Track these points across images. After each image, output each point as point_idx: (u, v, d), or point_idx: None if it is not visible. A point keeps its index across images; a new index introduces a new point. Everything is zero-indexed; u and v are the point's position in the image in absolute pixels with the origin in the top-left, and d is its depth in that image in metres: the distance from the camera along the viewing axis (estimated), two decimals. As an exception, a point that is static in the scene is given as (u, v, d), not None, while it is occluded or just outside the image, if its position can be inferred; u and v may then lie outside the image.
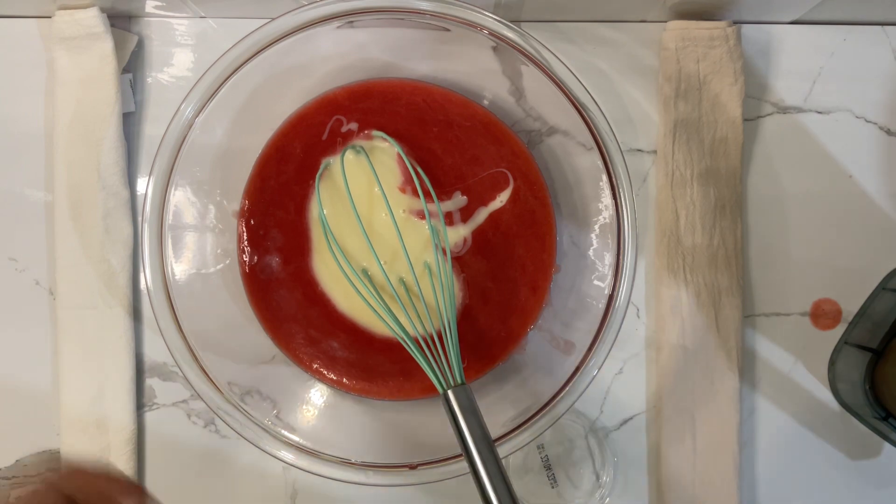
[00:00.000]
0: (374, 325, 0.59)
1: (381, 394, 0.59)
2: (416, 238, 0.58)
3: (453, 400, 0.45)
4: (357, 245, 0.58)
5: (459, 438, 0.44)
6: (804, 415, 0.64)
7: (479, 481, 0.42)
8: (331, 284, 0.59)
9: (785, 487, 0.64)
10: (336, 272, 0.57)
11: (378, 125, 0.58)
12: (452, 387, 0.46)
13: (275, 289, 0.59)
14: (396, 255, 0.57)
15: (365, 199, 0.58)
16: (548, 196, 0.60)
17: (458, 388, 0.46)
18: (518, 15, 0.63)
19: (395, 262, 0.58)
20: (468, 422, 0.44)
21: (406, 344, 0.50)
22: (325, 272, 0.59)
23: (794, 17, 0.64)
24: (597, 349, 0.54)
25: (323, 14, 0.54)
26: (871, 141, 0.64)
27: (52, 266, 0.62)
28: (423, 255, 0.58)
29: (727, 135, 0.62)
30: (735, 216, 0.62)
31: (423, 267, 0.57)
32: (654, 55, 0.64)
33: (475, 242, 0.59)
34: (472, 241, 0.59)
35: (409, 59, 0.60)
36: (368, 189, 0.58)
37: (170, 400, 0.63)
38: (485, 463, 0.42)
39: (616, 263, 0.55)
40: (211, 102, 0.54)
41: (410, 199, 0.58)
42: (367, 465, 0.55)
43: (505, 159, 0.59)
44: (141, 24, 0.64)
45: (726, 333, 0.62)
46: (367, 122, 0.58)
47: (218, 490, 0.63)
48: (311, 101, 0.59)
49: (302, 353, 0.59)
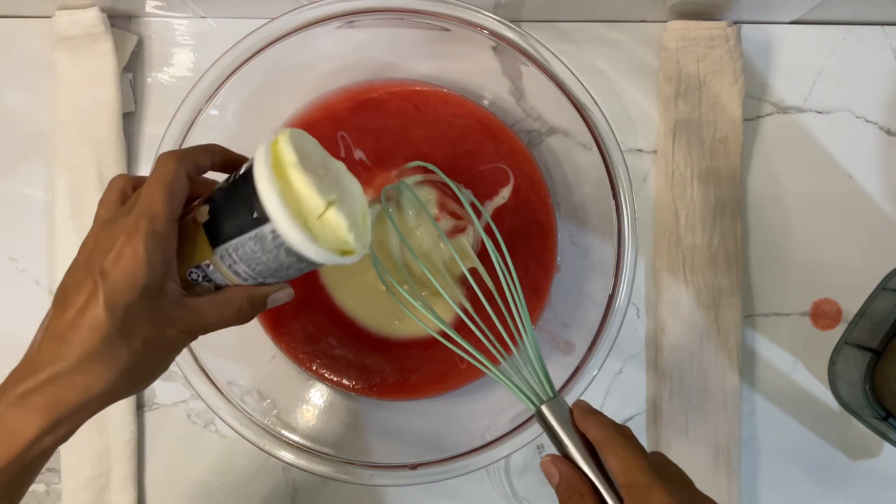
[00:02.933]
0: (372, 323, 0.59)
1: (380, 394, 0.59)
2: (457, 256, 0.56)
3: (549, 415, 0.43)
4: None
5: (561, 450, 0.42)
6: (804, 415, 0.64)
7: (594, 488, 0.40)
8: (331, 281, 0.59)
9: (785, 487, 0.64)
10: (336, 270, 0.57)
11: (368, 145, 0.58)
12: (545, 401, 0.43)
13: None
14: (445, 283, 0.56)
15: (404, 232, 0.56)
16: (549, 195, 0.60)
17: (552, 402, 0.44)
18: (518, 15, 0.63)
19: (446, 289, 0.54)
20: (569, 434, 0.42)
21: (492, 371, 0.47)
22: (325, 270, 0.59)
23: (794, 17, 0.64)
24: (597, 349, 0.54)
25: (323, 14, 0.54)
26: (871, 141, 0.64)
27: (52, 266, 0.62)
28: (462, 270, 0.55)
29: (727, 135, 0.62)
30: (735, 216, 0.62)
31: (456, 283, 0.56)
32: (654, 55, 0.64)
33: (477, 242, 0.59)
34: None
35: (409, 59, 0.60)
36: (405, 224, 0.57)
37: (170, 400, 0.63)
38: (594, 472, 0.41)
39: (616, 263, 0.55)
40: (211, 102, 0.54)
41: (445, 222, 0.57)
42: (367, 465, 0.55)
43: (504, 157, 0.59)
44: (141, 24, 0.64)
45: (726, 333, 0.62)
46: (363, 143, 0.58)
47: (218, 490, 0.63)
48: (312, 107, 0.58)
49: (302, 353, 0.59)
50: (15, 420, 0.36)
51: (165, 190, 0.38)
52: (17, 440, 0.36)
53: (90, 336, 0.36)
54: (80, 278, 0.37)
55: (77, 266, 0.38)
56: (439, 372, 0.60)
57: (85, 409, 0.37)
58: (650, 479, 0.38)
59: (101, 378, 0.37)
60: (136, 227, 0.37)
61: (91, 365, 0.36)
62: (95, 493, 0.60)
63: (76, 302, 0.37)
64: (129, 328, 0.37)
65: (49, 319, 0.38)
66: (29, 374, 0.37)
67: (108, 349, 0.36)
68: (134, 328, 0.37)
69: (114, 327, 0.36)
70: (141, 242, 0.37)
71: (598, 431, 0.41)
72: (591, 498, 0.40)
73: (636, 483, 0.38)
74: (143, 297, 0.37)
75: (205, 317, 0.40)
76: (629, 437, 0.41)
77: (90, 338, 0.36)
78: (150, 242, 0.37)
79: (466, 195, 0.56)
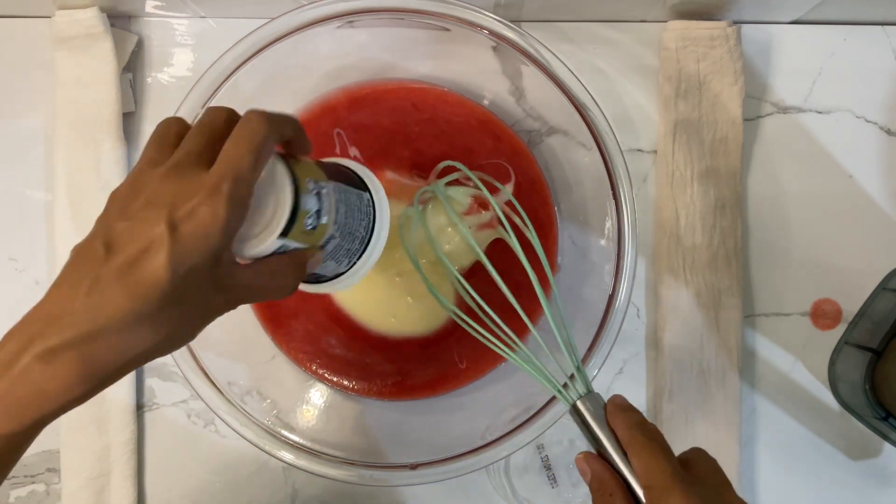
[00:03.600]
0: (371, 321, 0.59)
1: (380, 394, 0.60)
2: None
3: (585, 411, 0.42)
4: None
5: (596, 446, 0.42)
6: (804, 415, 0.64)
7: (628, 485, 0.40)
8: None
9: (785, 487, 0.64)
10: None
11: (364, 143, 0.58)
12: (581, 396, 0.43)
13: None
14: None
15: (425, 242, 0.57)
16: (549, 195, 0.60)
17: (587, 397, 0.43)
18: (518, 15, 0.63)
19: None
20: (604, 431, 0.41)
21: (528, 368, 0.47)
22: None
23: (794, 17, 0.64)
24: (597, 349, 0.54)
25: (323, 14, 0.54)
26: (871, 141, 0.64)
27: (52, 266, 0.62)
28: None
29: (727, 135, 0.62)
30: (735, 216, 0.62)
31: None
32: (654, 55, 0.64)
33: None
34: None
35: (409, 59, 0.60)
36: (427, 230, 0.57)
37: (170, 400, 0.63)
38: (628, 470, 0.41)
39: (616, 263, 0.55)
40: (211, 102, 0.54)
41: (474, 218, 0.57)
42: (367, 465, 0.55)
43: (504, 155, 0.59)
44: (141, 24, 0.64)
45: (726, 333, 0.62)
46: (358, 141, 0.58)
47: (218, 490, 0.63)
48: (311, 107, 0.58)
49: (302, 353, 0.59)
50: (43, 378, 0.32)
51: (255, 154, 0.35)
52: (44, 401, 0.32)
53: (145, 294, 0.32)
54: (139, 223, 0.33)
55: (130, 205, 0.34)
56: (439, 372, 0.60)
57: (119, 371, 0.34)
58: (669, 481, 0.37)
59: (146, 340, 0.33)
60: (219, 187, 0.33)
61: (137, 326, 0.33)
62: (95, 493, 0.60)
63: (129, 248, 0.33)
64: (185, 292, 0.33)
65: (83, 255, 0.34)
66: (61, 323, 0.32)
67: (160, 311, 0.33)
68: (188, 292, 0.34)
69: (173, 289, 0.33)
70: (223, 206, 0.33)
71: (623, 431, 0.41)
72: (622, 497, 0.39)
73: (655, 485, 0.38)
74: (208, 262, 0.34)
75: (252, 286, 0.37)
76: (653, 437, 0.40)
77: (145, 295, 0.32)
78: (232, 207, 0.34)
79: (491, 187, 0.56)
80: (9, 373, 0.32)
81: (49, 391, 0.32)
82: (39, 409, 0.33)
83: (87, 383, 0.33)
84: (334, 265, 0.44)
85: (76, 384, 0.33)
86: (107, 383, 0.34)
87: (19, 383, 0.32)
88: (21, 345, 0.33)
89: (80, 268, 0.34)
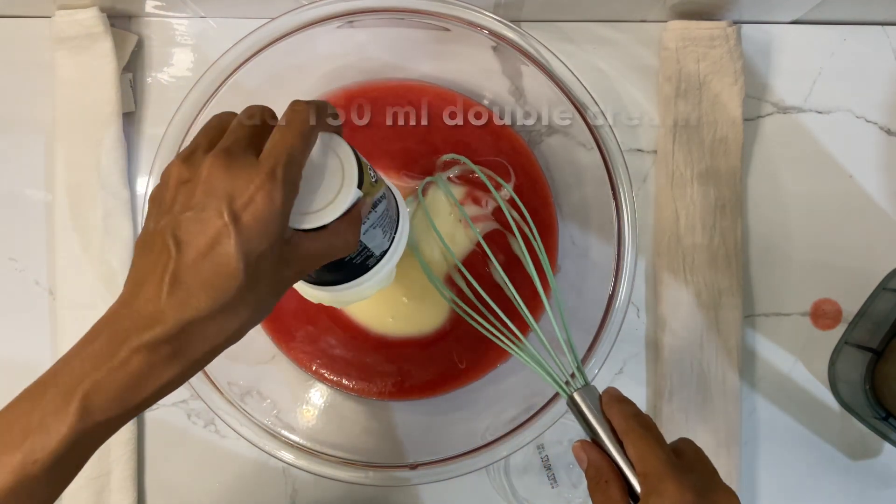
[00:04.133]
0: (371, 322, 0.59)
1: (380, 394, 0.60)
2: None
3: (581, 402, 0.44)
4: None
5: (592, 436, 0.43)
6: (804, 415, 0.63)
7: (623, 473, 0.41)
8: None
9: (785, 487, 0.64)
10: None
11: (359, 143, 0.58)
12: (578, 388, 0.44)
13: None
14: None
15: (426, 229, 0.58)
16: (550, 195, 0.60)
17: (584, 389, 0.44)
18: (518, 15, 0.63)
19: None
20: (600, 421, 0.43)
21: (527, 360, 0.48)
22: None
23: (794, 17, 0.64)
24: (597, 349, 0.54)
25: (323, 14, 0.54)
26: (871, 141, 0.64)
27: (52, 266, 0.62)
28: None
29: (727, 135, 0.62)
30: (735, 216, 0.62)
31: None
32: (654, 55, 0.64)
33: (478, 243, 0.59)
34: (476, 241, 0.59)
35: (409, 59, 0.60)
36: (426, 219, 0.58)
37: (170, 400, 0.63)
38: (623, 458, 0.42)
39: (616, 263, 0.55)
40: (211, 102, 0.54)
41: (471, 209, 0.59)
42: (367, 465, 0.55)
43: (504, 155, 0.59)
44: (141, 24, 0.64)
45: (726, 333, 0.62)
46: (354, 140, 0.58)
47: (218, 490, 0.63)
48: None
49: (302, 352, 0.59)
50: (142, 367, 0.35)
51: (303, 139, 0.37)
52: (144, 388, 0.35)
53: (224, 285, 0.35)
54: (202, 214, 0.35)
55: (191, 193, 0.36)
56: (439, 372, 0.60)
57: (208, 356, 0.36)
58: (664, 469, 0.39)
59: (230, 327, 0.36)
60: (273, 173, 0.35)
61: (221, 316, 0.35)
62: (95, 493, 0.60)
63: (199, 243, 0.35)
64: (258, 277, 0.36)
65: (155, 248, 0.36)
66: (152, 322, 0.35)
67: (239, 299, 0.35)
68: (261, 276, 0.36)
69: (247, 277, 0.35)
70: (279, 191, 0.35)
71: (620, 421, 0.42)
72: (617, 484, 0.41)
73: (650, 472, 0.40)
74: (273, 245, 0.36)
75: (318, 252, 0.39)
76: (648, 427, 0.42)
77: (224, 287, 0.35)
78: (288, 191, 0.36)
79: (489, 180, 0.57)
80: (107, 364, 0.35)
81: (146, 379, 0.35)
82: (137, 395, 0.35)
83: (180, 368, 0.36)
84: (381, 235, 0.46)
85: (174, 372, 0.35)
86: (199, 366, 0.37)
87: (119, 373, 0.35)
88: (115, 341, 0.35)
89: (156, 262, 0.36)
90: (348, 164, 0.41)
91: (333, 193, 0.40)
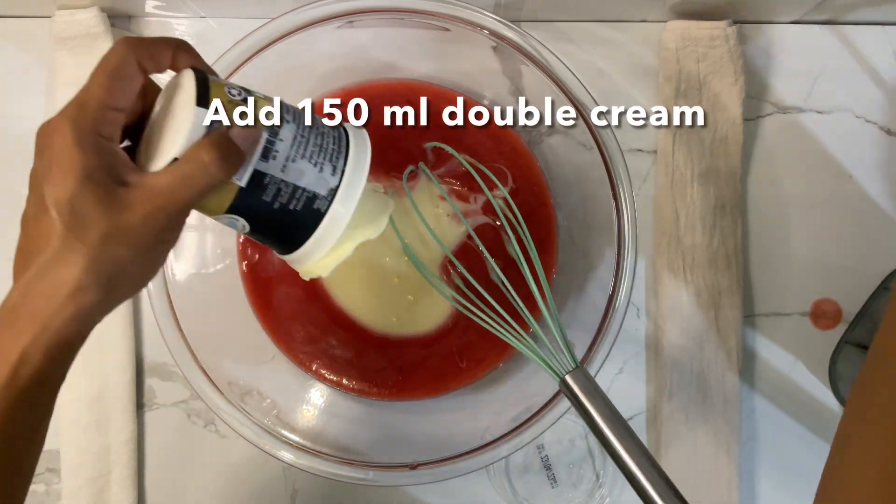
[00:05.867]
0: (371, 321, 0.59)
1: (380, 394, 0.60)
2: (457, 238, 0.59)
3: (573, 384, 0.44)
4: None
5: (588, 421, 0.43)
6: (804, 415, 0.63)
7: (620, 464, 0.41)
8: (330, 280, 0.59)
9: (785, 487, 0.64)
10: (337, 268, 0.57)
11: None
12: (569, 371, 0.44)
13: (274, 287, 0.59)
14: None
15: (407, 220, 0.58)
16: (549, 195, 0.60)
17: (575, 372, 0.44)
18: (518, 15, 0.63)
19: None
20: (595, 404, 0.43)
21: (515, 341, 0.48)
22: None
23: (794, 17, 0.64)
24: (597, 349, 0.54)
25: (323, 14, 0.54)
26: (871, 141, 0.64)
27: (52, 266, 0.62)
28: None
29: (727, 135, 0.62)
30: (735, 216, 0.62)
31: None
32: (654, 55, 0.64)
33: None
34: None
35: (409, 59, 0.60)
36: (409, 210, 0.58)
37: (170, 400, 0.63)
38: (621, 440, 0.41)
39: (616, 263, 0.55)
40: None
41: (448, 205, 0.59)
42: (367, 464, 0.55)
43: (504, 155, 0.59)
44: (141, 24, 0.64)
45: (726, 333, 0.62)
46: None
47: (218, 490, 0.63)
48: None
49: (302, 353, 0.59)
50: (3, 340, 0.35)
51: (106, 75, 0.36)
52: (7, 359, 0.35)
53: (46, 239, 0.35)
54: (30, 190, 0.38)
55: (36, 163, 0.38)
56: (439, 372, 0.60)
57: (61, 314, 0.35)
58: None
59: (67, 281, 0.34)
60: (65, 113, 0.36)
61: (52, 269, 0.35)
62: (95, 492, 0.60)
63: (29, 211, 0.38)
64: (81, 222, 0.35)
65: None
66: (8, 295, 0.36)
67: (64, 249, 0.35)
68: (86, 221, 0.35)
69: (64, 224, 0.34)
70: (69, 128, 0.35)
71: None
72: None
73: None
74: (86, 186, 0.34)
75: (168, 185, 0.36)
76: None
77: (47, 240, 0.35)
78: (80, 127, 0.35)
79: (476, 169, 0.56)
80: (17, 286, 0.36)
81: (9, 349, 0.35)
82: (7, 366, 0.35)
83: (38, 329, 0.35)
84: (312, 168, 0.40)
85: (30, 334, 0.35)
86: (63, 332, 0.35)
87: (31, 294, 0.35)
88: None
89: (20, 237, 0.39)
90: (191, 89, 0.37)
91: (178, 125, 0.37)
